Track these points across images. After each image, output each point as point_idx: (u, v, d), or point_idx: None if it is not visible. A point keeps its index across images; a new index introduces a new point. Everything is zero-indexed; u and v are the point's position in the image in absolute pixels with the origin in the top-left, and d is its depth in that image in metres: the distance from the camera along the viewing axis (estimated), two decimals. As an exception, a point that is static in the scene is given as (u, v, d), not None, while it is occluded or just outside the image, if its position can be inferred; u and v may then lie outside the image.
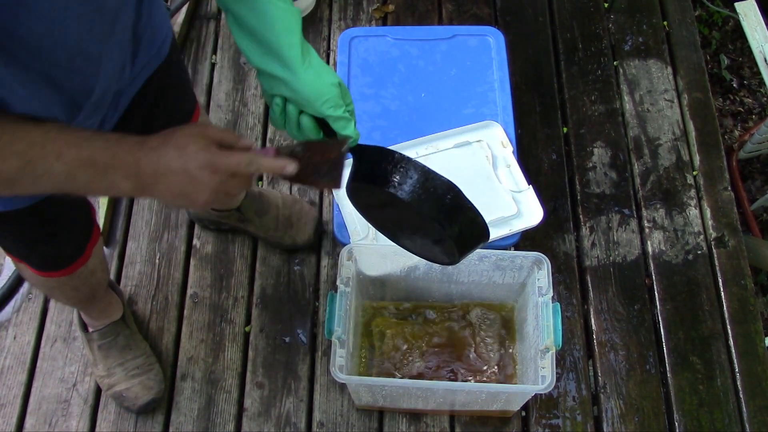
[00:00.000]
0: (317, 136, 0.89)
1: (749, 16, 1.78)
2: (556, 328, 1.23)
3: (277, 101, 0.88)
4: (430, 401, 1.46)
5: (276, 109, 0.88)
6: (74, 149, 0.71)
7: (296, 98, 0.85)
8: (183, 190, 0.77)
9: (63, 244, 1.19)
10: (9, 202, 0.98)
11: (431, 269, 1.42)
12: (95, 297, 1.44)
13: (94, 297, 1.44)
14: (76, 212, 1.17)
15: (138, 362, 1.55)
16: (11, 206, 0.99)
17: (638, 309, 1.68)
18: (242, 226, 1.69)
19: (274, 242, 1.70)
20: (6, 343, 1.64)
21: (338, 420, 1.55)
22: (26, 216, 1.02)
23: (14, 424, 1.56)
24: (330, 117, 0.85)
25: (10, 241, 1.15)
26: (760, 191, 2.06)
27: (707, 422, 1.56)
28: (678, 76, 2.00)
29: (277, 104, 0.88)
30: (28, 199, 0.99)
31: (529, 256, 1.32)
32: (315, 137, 0.89)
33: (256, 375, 1.61)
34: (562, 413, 1.56)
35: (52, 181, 0.71)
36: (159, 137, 0.78)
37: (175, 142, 0.77)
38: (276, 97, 0.87)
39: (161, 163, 0.76)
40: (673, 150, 1.89)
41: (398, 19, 2.07)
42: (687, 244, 1.76)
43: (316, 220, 1.71)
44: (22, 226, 1.07)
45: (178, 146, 0.76)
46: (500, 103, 1.56)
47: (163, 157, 0.76)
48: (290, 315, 1.67)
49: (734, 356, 1.63)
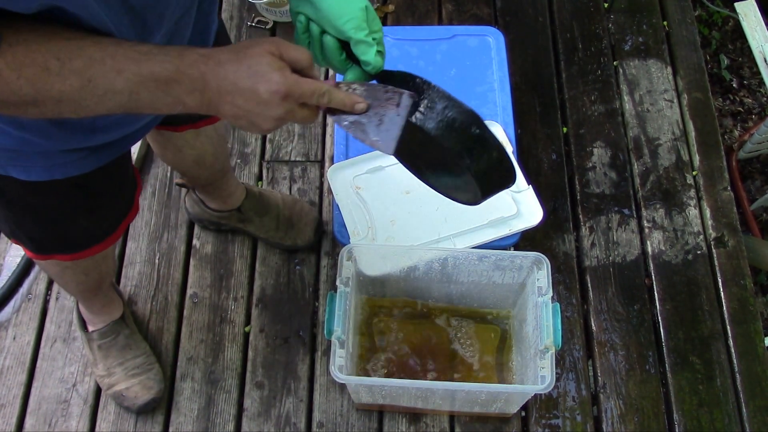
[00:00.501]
0: (339, 60, 0.85)
1: (749, 16, 1.78)
2: (556, 328, 1.23)
3: (300, 18, 0.83)
4: (429, 401, 1.46)
5: (299, 26, 0.84)
6: (134, 65, 0.68)
7: (318, 17, 0.81)
8: (248, 113, 0.73)
9: (101, 221, 1.16)
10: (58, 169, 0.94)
11: (431, 269, 1.42)
12: (100, 288, 1.43)
13: (99, 288, 1.43)
14: (120, 187, 1.14)
15: (138, 362, 1.54)
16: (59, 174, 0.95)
17: (638, 309, 1.68)
18: (242, 227, 1.69)
19: (274, 243, 1.70)
20: (6, 343, 1.64)
21: (338, 420, 1.55)
22: (69, 188, 0.99)
23: (14, 425, 1.56)
24: (351, 39, 0.80)
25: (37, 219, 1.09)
26: (759, 191, 2.06)
27: (707, 422, 1.56)
28: (678, 76, 2.00)
29: (300, 22, 0.84)
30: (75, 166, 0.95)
31: (529, 256, 1.32)
32: (337, 61, 0.85)
33: (256, 375, 1.61)
34: (562, 413, 1.56)
35: (116, 100, 0.69)
36: (228, 51, 0.73)
37: (247, 60, 0.72)
38: (300, 14, 0.83)
39: (228, 80, 0.71)
40: (673, 150, 1.89)
41: (398, 19, 2.07)
42: (687, 244, 1.76)
43: (317, 221, 1.71)
44: (61, 199, 1.03)
45: (250, 65, 0.71)
46: (500, 103, 1.56)
47: (232, 74, 0.71)
48: (290, 315, 1.67)
49: (734, 356, 1.63)
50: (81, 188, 1.02)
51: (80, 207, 1.09)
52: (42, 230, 1.12)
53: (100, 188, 1.07)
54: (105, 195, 1.11)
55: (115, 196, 1.15)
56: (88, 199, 1.07)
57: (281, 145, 1.88)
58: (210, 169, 1.49)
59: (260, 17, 2.03)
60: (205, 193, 1.63)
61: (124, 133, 0.96)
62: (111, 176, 1.06)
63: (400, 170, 1.49)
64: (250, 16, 2.04)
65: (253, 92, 0.72)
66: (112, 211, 1.17)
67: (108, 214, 1.17)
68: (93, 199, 1.08)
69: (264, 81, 0.71)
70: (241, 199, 1.63)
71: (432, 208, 1.43)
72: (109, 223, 1.18)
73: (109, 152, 0.98)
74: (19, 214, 1.07)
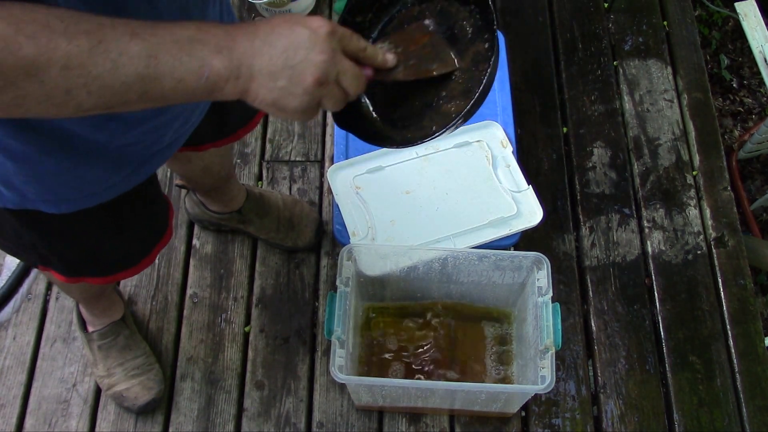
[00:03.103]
0: None
1: (749, 16, 1.78)
2: (556, 328, 1.23)
3: None
4: (429, 401, 1.46)
5: None
6: (150, 27, 0.60)
7: None
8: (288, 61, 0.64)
9: (134, 244, 1.13)
10: (87, 199, 0.91)
11: (431, 269, 1.42)
12: (104, 293, 1.44)
13: (104, 293, 1.43)
14: (152, 209, 1.12)
15: (138, 362, 1.54)
16: (90, 203, 0.92)
17: (638, 309, 1.68)
18: (243, 228, 1.69)
19: (274, 243, 1.70)
20: (6, 343, 1.64)
21: (338, 420, 1.55)
22: (100, 213, 0.95)
23: (14, 424, 1.56)
24: None
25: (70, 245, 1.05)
26: (759, 191, 2.06)
27: (707, 422, 1.56)
28: (678, 76, 2.00)
29: None
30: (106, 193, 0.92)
31: (529, 256, 1.32)
32: None
33: (256, 375, 1.61)
34: (562, 413, 1.56)
35: (132, 67, 0.59)
36: (264, 24, 0.66)
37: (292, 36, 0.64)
38: None
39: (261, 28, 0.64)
40: (673, 150, 1.89)
41: (398, 19, 2.07)
42: (687, 244, 1.76)
43: (317, 222, 1.71)
44: (93, 224, 1.00)
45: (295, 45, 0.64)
46: (500, 103, 1.56)
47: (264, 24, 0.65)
48: (290, 315, 1.67)
49: (734, 356, 1.63)
50: (112, 212, 0.99)
51: (113, 231, 1.06)
52: (74, 255, 1.09)
53: (132, 211, 1.04)
54: (137, 218, 1.08)
55: (148, 219, 1.13)
56: (120, 223, 1.04)
57: (281, 145, 1.88)
58: (215, 176, 1.49)
59: (260, 17, 2.03)
60: (207, 196, 1.62)
61: (152, 150, 0.94)
62: (142, 199, 1.04)
63: (400, 170, 1.49)
64: (250, 16, 2.04)
65: (293, 32, 0.64)
66: (146, 234, 1.15)
67: (141, 236, 1.14)
68: (125, 222, 1.05)
69: (305, 21, 0.66)
70: (241, 201, 1.63)
71: (432, 208, 1.43)
72: (143, 246, 1.16)
73: (137, 175, 0.96)
74: (50, 242, 1.04)
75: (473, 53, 0.78)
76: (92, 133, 0.81)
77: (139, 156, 0.92)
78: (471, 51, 0.78)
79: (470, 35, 0.79)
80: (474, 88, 0.76)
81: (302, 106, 0.67)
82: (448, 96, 0.79)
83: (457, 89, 0.78)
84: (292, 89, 0.65)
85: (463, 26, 0.79)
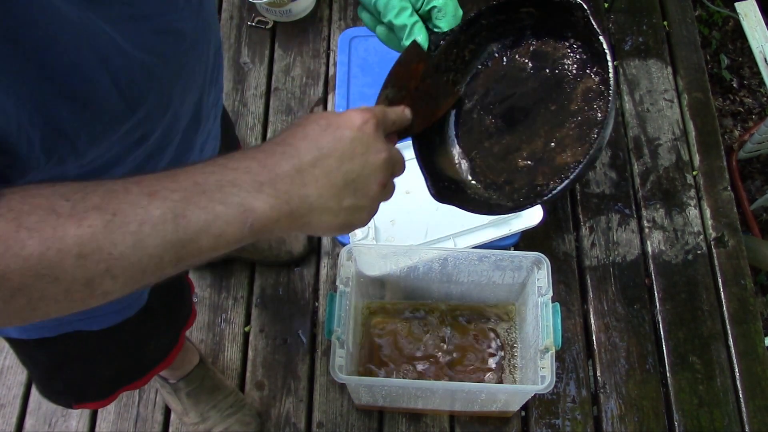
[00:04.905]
0: None
1: (749, 16, 1.78)
2: (556, 328, 1.22)
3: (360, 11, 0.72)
4: (429, 401, 1.46)
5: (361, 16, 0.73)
6: (169, 181, 0.50)
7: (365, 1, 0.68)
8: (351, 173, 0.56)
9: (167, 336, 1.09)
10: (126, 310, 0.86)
11: (431, 269, 1.42)
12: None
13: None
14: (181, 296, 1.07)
15: (230, 401, 1.49)
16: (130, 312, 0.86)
17: (638, 309, 1.68)
18: (236, 255, 1.65)
19: (271, 261, 1.68)
20: (6, 343, 1.64)
21: (338, 420, 1.55)
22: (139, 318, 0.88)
23: (14, 424, 1.56)
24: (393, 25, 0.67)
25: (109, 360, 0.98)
26: (760, 191, 2.06)
27: (707, 422, 1.56)
28: (678, 76, 2.00)
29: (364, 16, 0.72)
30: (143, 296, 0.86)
31: (529, 256, 1.32)
32: None
33: (256, 375, 1.60)
34: (562, 413, 1.56)
35: (159, 236, 0.48)
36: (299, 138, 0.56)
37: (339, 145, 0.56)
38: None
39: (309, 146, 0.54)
40: (673, 150, 1.89)
41: (398, 19, 2.07)
42: (687, 244, 1.76)
43: None
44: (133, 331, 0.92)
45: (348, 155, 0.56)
46: (500, 103, 1.56)
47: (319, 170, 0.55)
48: (290, 315, 1.67)
49: (734, 356, 1.63)
50: (149, 313, 0.92)
51: (149, 331, 1.00)
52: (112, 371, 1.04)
53: (164, 306, 0.99)
54: (168, 310, 1.04)
55: (177, 307, 1.08)
56: (156, 321, 0.99)
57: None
58: None
59: (260, 17, 2.03)
60: None
61: None
62: (171, 289, 0.99)
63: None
64: (250, 16, 2.04)
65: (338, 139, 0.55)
66: (176, 323, 1.11)
67: (174, 327, 1.11)
68: (160, 319, 1.01)
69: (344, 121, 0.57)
70: None
71: (432, 208, 1.43)
72: (175, 335, 1.12)
73: None
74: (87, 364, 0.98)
75: (582, 92, 0.69)
76: None
77: None
78: (579, 90, 0.69)
79: (575, 72, 0.70)
80: (590, 130, 0.67)
81: (371, 216, 0.60)
82: (559, 145, 0.69)
83: (571, 136, 0.68)
84: (360, 203, 0.57)
85: (564, 65, 0.70)
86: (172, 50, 0.58)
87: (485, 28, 0.72)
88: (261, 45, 2.00)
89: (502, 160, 0.72)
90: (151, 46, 0.55)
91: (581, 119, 0.68)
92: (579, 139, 0.67)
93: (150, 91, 0.57)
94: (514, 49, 0.73)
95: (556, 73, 0.70)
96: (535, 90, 0.71)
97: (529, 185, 0.69)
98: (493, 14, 0.71)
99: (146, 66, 0.54)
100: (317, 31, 2.05)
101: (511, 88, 0.73)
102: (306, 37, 2.01)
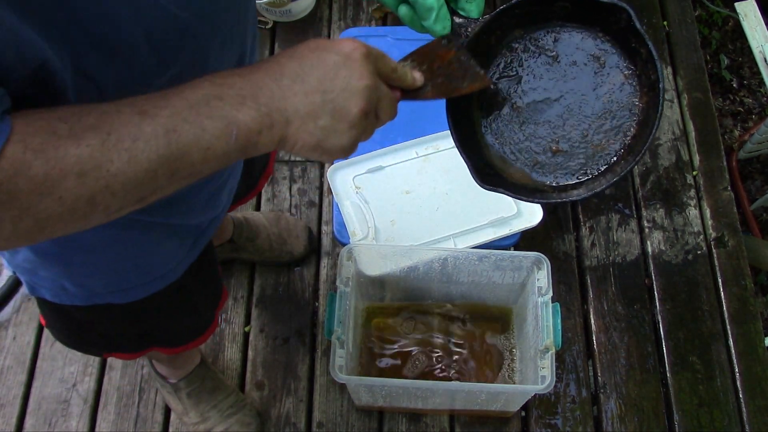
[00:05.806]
0: None
1: (749, 16, 1.78)
2: (556, 328, 1.23)
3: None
4: (429, 401, 1.46)
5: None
6: (159, 99, 0.53)
7: None
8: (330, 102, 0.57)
9: (201, 314, 1.11)
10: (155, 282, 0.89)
11: (431, 269, 1.42)
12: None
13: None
14: (212, 274, 1.09)
15: (230, 401, 1.50)
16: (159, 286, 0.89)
17: (638, 309, 1.68)
18: (236, 256, 1.66)
19: (272, 262, 1.68)
20: (6, 343, 1.64)
21: (338, 420, 1.55)
22: (169, 293, 0.91)
23: (14, 424, 1.56)
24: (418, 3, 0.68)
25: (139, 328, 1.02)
26: (760, 191, 2.06)
27: (707, 422, 1.56)
28: (678, 76, 2.00)
29: None
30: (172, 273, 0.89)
31: (529, 256, 1.32)
32: None
33: (256, 375, 1.60)
34: (562, 413, 1.56)
35: (152, 149, 0.51)
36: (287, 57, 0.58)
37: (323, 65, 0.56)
38: None
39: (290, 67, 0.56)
40: (673, 150, 1.89)
41: (398, 20, 2.07)
42: (687, 244, 1.76)
43: (306, 229, 1.70)
44: (162, 306, 0.97)
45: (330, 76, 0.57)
46: (500, 103, 1.56)
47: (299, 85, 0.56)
48: (290, 315, 1.67)
49: (734, 356, 1.63)
50: (180, 290, 0.95)
51: (181, 307, 1.04)
52: (144, 333, 1.07)
53: (197, 283, 1.01)
54: (202, 287, 1.06)
55: (210, 286, 1.10)
56: (188, 297, 1.01)
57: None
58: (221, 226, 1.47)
59: (260, 17, 2.03)
60: None
61: (210, 217, 0.91)
62: (204, 268, 1.00)
63: (400, 170, 1.49)
64: (250, 16, 2.04)
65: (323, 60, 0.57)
66: (209, 301, 1.13)
67: (207, 304, 1.12)
68: (192, 295, 1.03)
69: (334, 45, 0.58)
70: (231, 230, 1.60)
71: (432, 208, 1.43)
72: (208, 314, 1.14)
73: (198, 247, 0.93)
74: (121, 330, 1.02)
75: (617, 84, 0.73)
76: (166, 218, 0.79)
77: (200, 226, 0.90)
78: (612, 83, 0.74)
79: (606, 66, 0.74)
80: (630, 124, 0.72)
81: (349, 143, 0.60)
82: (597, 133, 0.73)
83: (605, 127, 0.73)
84: (337, 126, 0.58)
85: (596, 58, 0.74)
86: (209, 7, 0.59)
87: (516, 16, 0.73)
88: (261, 45, 2.00)
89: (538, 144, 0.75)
90: (188, 2, 0.56)
91: (614, 110, 0.72)
92: (614, 130, 0.72)
93: (184, 48, 0.58)
94: (541, 39, 0.75)
95: (585, 65, 0.73)
96: (566, 79, 0.74)
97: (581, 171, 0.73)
98: (528, 4, 0.72)
99: (181, 21, 0.56)
100: (317, 31, 2.05)
101: (538, 77, 0.74)
102: (306, 37, 2.01)
